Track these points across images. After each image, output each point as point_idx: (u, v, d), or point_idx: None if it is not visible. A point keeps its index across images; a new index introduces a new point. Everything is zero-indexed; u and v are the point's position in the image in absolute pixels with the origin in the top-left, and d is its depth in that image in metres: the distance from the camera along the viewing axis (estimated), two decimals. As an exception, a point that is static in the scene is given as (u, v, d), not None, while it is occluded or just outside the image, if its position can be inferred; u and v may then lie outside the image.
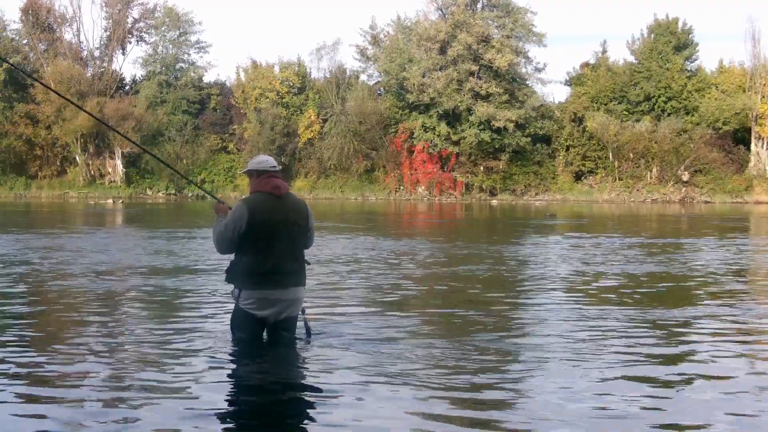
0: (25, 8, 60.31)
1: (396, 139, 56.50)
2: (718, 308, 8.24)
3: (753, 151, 54.63)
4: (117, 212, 33.29)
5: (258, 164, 5.89)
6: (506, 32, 55.67)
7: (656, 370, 5.54)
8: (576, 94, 57.72)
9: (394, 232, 21.71)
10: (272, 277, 5.71)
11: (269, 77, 60.60)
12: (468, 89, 54.28)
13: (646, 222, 28.42)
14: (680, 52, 56.21)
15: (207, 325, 7.04)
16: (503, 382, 5.19)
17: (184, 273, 11.09)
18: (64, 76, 57.12)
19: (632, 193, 54.12)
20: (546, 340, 6.46)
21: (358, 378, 5.20)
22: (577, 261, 13.24)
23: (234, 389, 5.15)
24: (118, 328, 6.95)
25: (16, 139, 58.03)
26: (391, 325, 7.06)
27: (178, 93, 61.11)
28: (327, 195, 56.42)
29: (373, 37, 61.73)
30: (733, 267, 12.58)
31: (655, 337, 6.67)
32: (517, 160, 56.03)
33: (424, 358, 5.77)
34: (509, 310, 8.11)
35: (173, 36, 63.14)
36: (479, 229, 24.72)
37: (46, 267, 11.66)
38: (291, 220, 5.82)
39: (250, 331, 5.86)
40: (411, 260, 13.35)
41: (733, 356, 6.06)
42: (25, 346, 6.21)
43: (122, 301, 8.67)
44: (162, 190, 59.34)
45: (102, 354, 5.89)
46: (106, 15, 61.30)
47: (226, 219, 5.76)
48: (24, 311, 7.96)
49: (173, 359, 5.71)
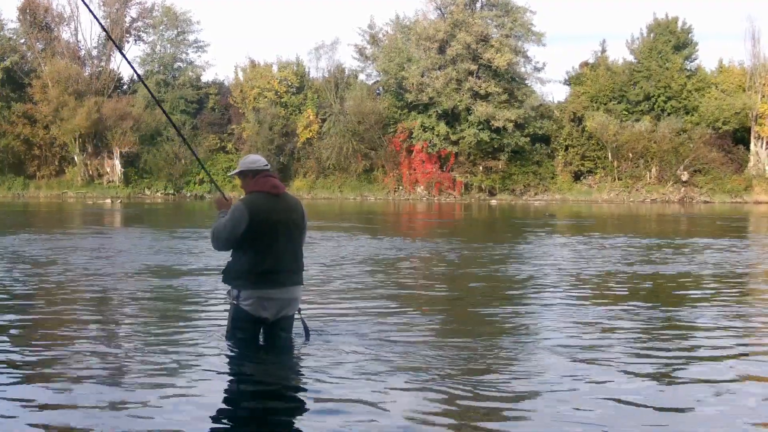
0: (23, 7, 60.26)
1: (395, 138, 56.50)
2: (719, 308, 8.21)
3: (752, 151, 54.66)
4: (122, 212, 33.20)
5: (252, 164, 5.88)
6: (505, 32, 55.66)
7: (664, 369, 5.49)
8: (575, 94, 57.74)
9: (395, 232, 21.65)
10: (272, 276, 5.67)
11: (267, 77, 60.58)
12: (467, 89, 54.27)
13: (646, 222, 28.38)
14: (680, 52, 56.24)
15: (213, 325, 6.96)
16: (504, 382, 5.13)
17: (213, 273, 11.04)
18: (62, 76, 57.07)
19: (631, 193, 54.13)
20: (548, 340, 6.40)
21: (358, 378, 5.15)
22: (579, 261, 13.19)
23: (234, 391, 5.11)
24: (118, 329, 6.90)
25: (14, 138, 57.96)
26: (391, 325, 7.01)
27: (176, 92, 61.07)
28: (326, 195, 56.41)
29: (371, 37, 61.72)
30: (733, 267, 12.51)
31: (669, 338, 6.61)
32: (516, 160, 56.04)
33: (424, 359, 5.71)
34: (511, 310, 8.06)
35: (171, 35, 63.12)
36: (480, 228, 24.66)
37: (93, 267, 11.60)
38: (289, 219, 5.81)
39: (249, 332, 5.82)
40: (411, 260, 13.27)
41: (734, 356, 6.02)
42: (36, 341, 6.15)
43: (140, 301, 8.59)
44: (160, 190, 59.30)
45: (102, 355, 5.84)
46: (104, 14, 61.19)
47: (224, 218, 5.71)
48: (66, 308, 7.89)
49: (174, 360, 5.65)
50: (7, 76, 58.83)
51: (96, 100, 57.29)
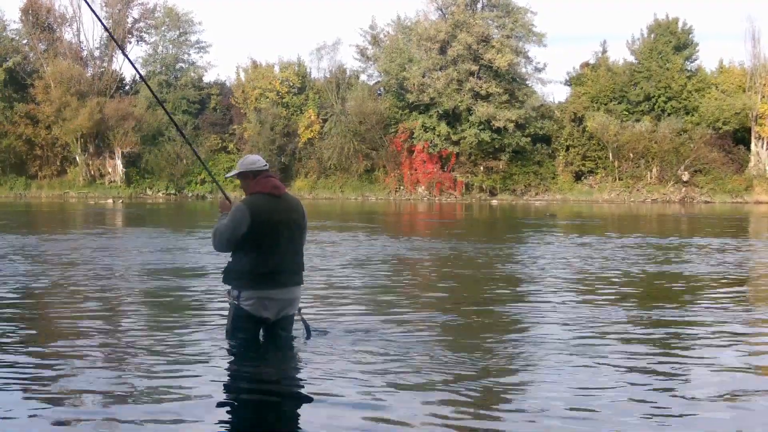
0: (25, 8, 60.29)
1: (396, 139, 56.47)
2: (721, 307, 8.24)
3: (753, 151, 54.59)
4: (127, 213, 33.24)
5: (252, 164, 5.87)
6: (506, 32, 55.63)
7: (662, 368, 5.54)
8: (576, 94, 57.69)
9: (395, 231, 21.68)
10: (274, 276, 5.70)
11: (269, 77, 60.56)
12: (468, 89, 54.25)
13: (647, 222, 28.38)
14: (680, 52, 56.18)
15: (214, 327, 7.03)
16: (505, 383, 5.17)
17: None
18: (64, 76, 57.09)
19: (632, 193, 54.08)
20: (551, 341, 6.44)
21: (358, 377, 5.19)
22: (580, 261, 13.22)
23: (235, 391, 5.13)
24: (118, 328, 6.94)
25: (16, 139, 57.99)
26: (391, 325, 7.03)
27: (178, 93, 61.07)
28: (327, 195, 56.38)
29: (373, 37, 61.71)
30: (734, 267, 12.57)
31: (666, 337, 6.66)
32: (517, 160, 56.00)
33: (426, 359, 5.75)
34: (513, 310, 8.08)
35: (173, 36, 63.12)
36: (481, 228, 24.68)
37: (100, 264, 11.71)
38: (291, 219, 5.84)
39: (249, 332, 5.83)
40: (412, 260, 13.32)
41: (734, 355, 6.05)
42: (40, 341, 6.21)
43: (140, 301, 8.66)
44: (162, 190, 59.30)
45: (102, 354, 5.88)
46: (106, 15, 61.19)
47: (226, 219, 5.73)
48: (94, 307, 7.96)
49: (174, 361, 5.70)
50: (9, 76, 58.85)
51: (98, 101, 57.31)
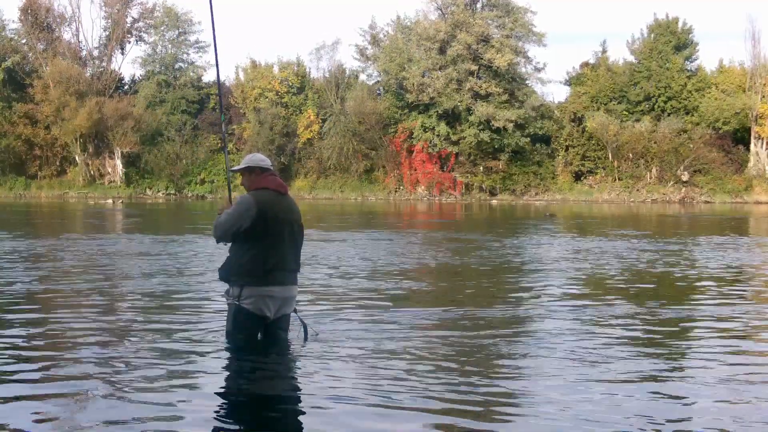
0: (24, 8, 60.30)
1: (395, 139, 56.50)
2: (721, 308, 8.22)
3: (752, 151, 54.64)
4: (127, 213, 33.21)
5: (261, 161, 5.92)
6: (506, 32, 55.67)
7: (665, 368, 5.52)
8: (576, 94, 57.73)
9: (395, 231, 21.67)
10: (275, 274, 5.69)
11: (268, 77, 60.60)
12: (467, 89, 54.28)
13: (647, 222, 28.38)
14: (680, 52, 56.23)
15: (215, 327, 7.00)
16: (505, 383, 5.14)
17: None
18: (63, 76, 57.11)
19: (632, 193, 54.12)
20: (553, 340, 6.42)
21: (358, 377, 5.17)
22: (580, 260, 13.20)
23: (234, 391, 5.11)
24: (118, 326, 6.91)
25: (16, 139, 58.02)
26: (391, 324, 7.01)
27: (177, 93, 61.12)
28: (326, 195, 56.41)
29: (372, 37, 61.73)
30: (734, 267, 12.54)
31: (667, 336, 6.63)
32: (517, 160, 56.03)
33: (426, 359, 5.72)
34: (514, 310, 8.05)
35: (172, 36, 63.17)
36: (482, 228, 24.68)
37: (100, 263, 11.64)
38: (293, 219, 5.87)
39: (249, 332, 5.79)
40: (411, 260, 13.30)
41: (735, 354, 6.04)
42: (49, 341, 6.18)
43: (141, 301, 8.62)
44: (161, 190, 59.32)
45: (101, 354, 5.84)
46: (105, 14, 61.30)
47: (230, 209, 5.71)
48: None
49: (174, 360, 5.67)
50: (8, 76, 58.87)
51: (97, 101, 57.33)
